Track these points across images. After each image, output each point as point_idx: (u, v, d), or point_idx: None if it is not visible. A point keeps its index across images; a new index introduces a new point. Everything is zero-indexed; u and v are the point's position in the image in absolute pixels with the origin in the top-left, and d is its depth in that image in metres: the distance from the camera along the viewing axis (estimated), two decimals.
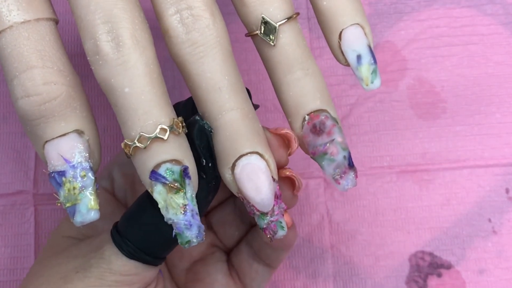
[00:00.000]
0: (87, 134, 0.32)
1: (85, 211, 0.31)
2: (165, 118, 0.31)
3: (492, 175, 0.50)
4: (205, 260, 0.44)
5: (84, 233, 0.39)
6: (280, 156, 0.35)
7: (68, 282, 0.35)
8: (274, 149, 0.34)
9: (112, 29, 0.31)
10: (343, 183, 0.34)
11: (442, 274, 0.49)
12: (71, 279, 0.35)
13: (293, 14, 0.34)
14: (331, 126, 0.34)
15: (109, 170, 0.43)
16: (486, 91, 0.52)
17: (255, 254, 0.42)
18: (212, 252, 0.44)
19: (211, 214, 0.44)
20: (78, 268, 0.35)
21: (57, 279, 0.35)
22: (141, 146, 0.31)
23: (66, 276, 0.35)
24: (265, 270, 0.43)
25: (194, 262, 0.44)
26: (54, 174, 0.32)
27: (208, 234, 0.44)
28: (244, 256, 0.43)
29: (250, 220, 0.43)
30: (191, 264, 0.44)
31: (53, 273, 0.36)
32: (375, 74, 0.34)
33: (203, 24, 0.32)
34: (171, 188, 0.31)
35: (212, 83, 0.32)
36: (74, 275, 0.35)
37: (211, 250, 0.44)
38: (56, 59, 0.32)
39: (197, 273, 0.43)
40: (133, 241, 0.34)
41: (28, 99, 0.31)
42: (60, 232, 0.40)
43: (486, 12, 0.53)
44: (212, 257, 0.44)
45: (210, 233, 0.44)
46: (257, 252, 0.42)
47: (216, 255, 0.44)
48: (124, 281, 0.35)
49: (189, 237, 0.32)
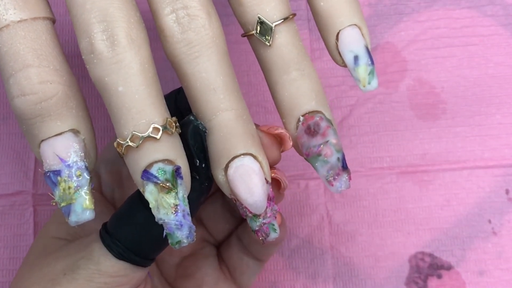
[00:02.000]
0: (83, 134, 0.32)
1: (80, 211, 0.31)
2: (158, 118, 0.31)
3: (492, 176, 0.50)
4: (195, 255, 0.44)
5: (72, 233, 0.39)
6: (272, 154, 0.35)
7: (56, 284, 0.35)
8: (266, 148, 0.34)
9: (107, 28, 0.31)
10: (337, 185, 0.33)
11: (442, 275, 0.49)
12: (59, 281, 0.35)
13: (290, 15, 0.34)
14: (326, 127, 0.33)
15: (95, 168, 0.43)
16: (486, 92, 0.52)
17: (245, 248, 0.42)
18: (202, 247, 0.44)
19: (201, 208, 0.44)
20: (66, 270, 0.35)
21: (45, 281, 0.35)
22: (133, 145, 0.31)
23: (55, 278, 0.35)
24: (256, 264, 0.43)
25: (184, 258, 0.44)
26: (49, 173, 0.32)
27: (198, 228, 0.44)
28: (234, 250, 0.43)
29: (240, 214, 0.43)
30: (181, 260, 0.44)
31: (41, 275, 0.36)
32: (372, 75, 0.34)
33: (199, 23, 0.32)
34: (162, 188, 0.31)
35: (207, 83, 0.32)
36: (63, 278, 0.35)
37: (201, 245, 0.44)
38: (52, 58, 0.32)
39: (187, 268, 0.43)
40: (123, 241, 0.34)
41: (24, 98, 0.31)
42: (48, 232, 0.40)
43: (486, 13, 0.53)
44: (202, 252, 0.44)
45: (200, 227, 0.44)
46: (247, 246, 0.42)
47: (206, 249, 0.44)
48: (112, 283, 0.34)
49: (179, 238, 0.32)
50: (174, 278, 0.43)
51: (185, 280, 0.42)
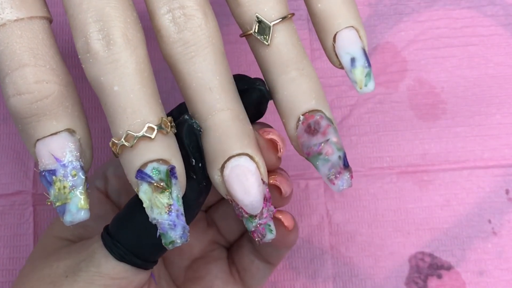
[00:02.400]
0: (78, 133, 0.32)
1: (75, 211, 0.31)
2: (153, 117, 0.31)
3: (492, 176, 0.50)
4: (206, 257, 0.43)
5: (76, 234, 0.39)
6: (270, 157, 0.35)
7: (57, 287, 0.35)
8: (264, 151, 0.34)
9: (103, 28, 0.31)
10: (338, 183, 0.33)
11: (442, 275, 0.49)
12: (60, 284, 0.35)
13: (288, 14, 0.34)
14: (326, 126, 0.33)
15: (103, 170, 0.43)
16: (486, 92, 0.52)
17: (256, 250, 0.42)
18: (212, 249, 0.44)
19: (213, 209, 0.44)
20: (67, 272, 0.35)
21: (47, 283, 0.35)
22: (128, 145, 0.31)
23: (56, 281, 0.35)
24: (266, 267, 0.42)
25: (194, 260, 0.43)
26: (44, 172, 0.32)
27: (209, 230, 0.44)
28: (245, 252, 0.43)
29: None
30: (191, 262, 0.43)
31: (43, 277, 0.36)
32: (369, 77, 0.34)
33: (195, 23, 0.32)
34: (156, 188, 0.31)
35: (203, 83, 0.32)
36: (64, 280, 0.35)
37: (211, 247, 0.44)
38: (48, 57, 0.32)
39: (197, 271, 0.43)
40: (124, 243, 0.34)
41: (19, 97, 0.31)
42: (52, 232, 0.40)
43: (486, 13, 0.53)
44: (213, 254, 0.43)
45: (212, 229, 0.44)
46: (258, 248, 0.42)
47: (217, 252, 0.44)
48: (113, 285, 0.34)
49: (173, 238, 0.31)
50: (182, 280, 0.43)
51: (195, 282, 0.42)
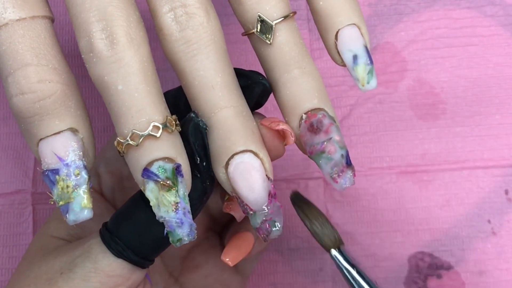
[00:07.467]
0: (81, 133, 0.32)
1: (78, 210, 0.31)
2: (158, 116, 0.31)
3: (491, 176, 0.50)
4: (201, 245, 0.44)
5: (73, 234, 0.39)
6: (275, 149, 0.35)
7: (53, 284, 0.35)
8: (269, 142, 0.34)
9: (106, 27, 0.31)
10: (341, 181, 0.33)
11: (441, 275, 0.49)
12: (56, 281, 0.35)
13: (290, 13, 0.34)
14: (329, 124, 0.33)
15: (95, 167, 0.43)
16: (486, 92, 0.52)
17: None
18: (207, 236, 0.44)
19: None
20: (63, 268, 0.35)
21: (43, 280, 0.35)
22: (133, 144, 0.31)
23: (51, 278, 0.35)
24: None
25: (191, 249, 0.44)
26: (47, 172, 0.31)
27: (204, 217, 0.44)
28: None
29: None
30: (187, 252, 0.44)
31: (40, 274, 0.36)
32: (371, 74, 0.34)
33: (197, 22, 0.32)
34: (163, 186, 0.31)
35: (205, 81, 0.32)
36: (59, 277, 0.35)
37: (206, 234, 0.44)
38: (51, 57, 0.32)
39: (194, 260, 0.43)
40: (123, 239, 0.34)
41: (22, 97, 0.31)
42: (48, 231, 0.40)
43: (486, 14, 0.53)
44: (208, 242, 0.44)
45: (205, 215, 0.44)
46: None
47: (211, 240, 0.44)
48: (109, 283, 0.34)
49: (180, 235, 0.32)
50: (180, 270, 0.43)
51: (193, 271, 0.43)
